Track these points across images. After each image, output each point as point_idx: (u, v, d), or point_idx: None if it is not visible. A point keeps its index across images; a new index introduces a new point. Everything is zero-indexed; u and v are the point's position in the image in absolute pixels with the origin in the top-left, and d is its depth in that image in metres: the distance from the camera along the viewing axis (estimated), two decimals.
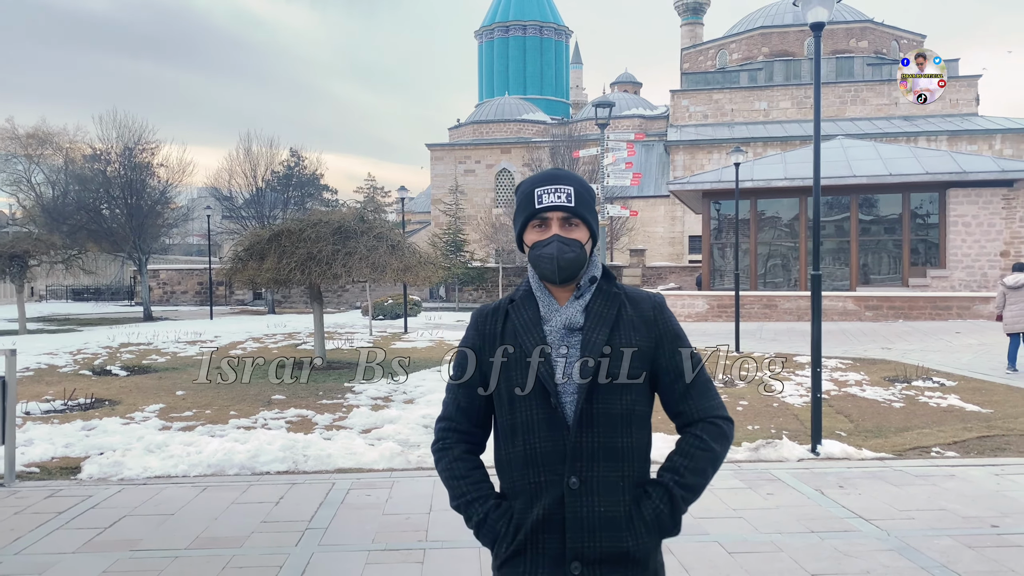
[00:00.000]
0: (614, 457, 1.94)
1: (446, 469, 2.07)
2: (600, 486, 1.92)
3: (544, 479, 1.93)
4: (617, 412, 1.95)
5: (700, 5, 68.78)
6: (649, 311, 2.05)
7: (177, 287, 45.51)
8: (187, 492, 6.39)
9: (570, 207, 1.99)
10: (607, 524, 1.91)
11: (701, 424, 2.02)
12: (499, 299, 2.13)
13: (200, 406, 10.47)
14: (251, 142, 40.29)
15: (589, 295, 2.03)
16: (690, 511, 5.91)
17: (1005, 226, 23.81)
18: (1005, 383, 11.52)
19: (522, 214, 2.04)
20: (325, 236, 13.51)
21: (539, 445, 1.94)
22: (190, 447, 7.67)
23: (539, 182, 2.02)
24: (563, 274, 1.98)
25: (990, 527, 5.31)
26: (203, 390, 11.83)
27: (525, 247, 2.06)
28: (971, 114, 45.46)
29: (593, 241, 2.06)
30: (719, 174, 26.41)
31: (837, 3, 7.96)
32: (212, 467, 7.09)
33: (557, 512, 1.91)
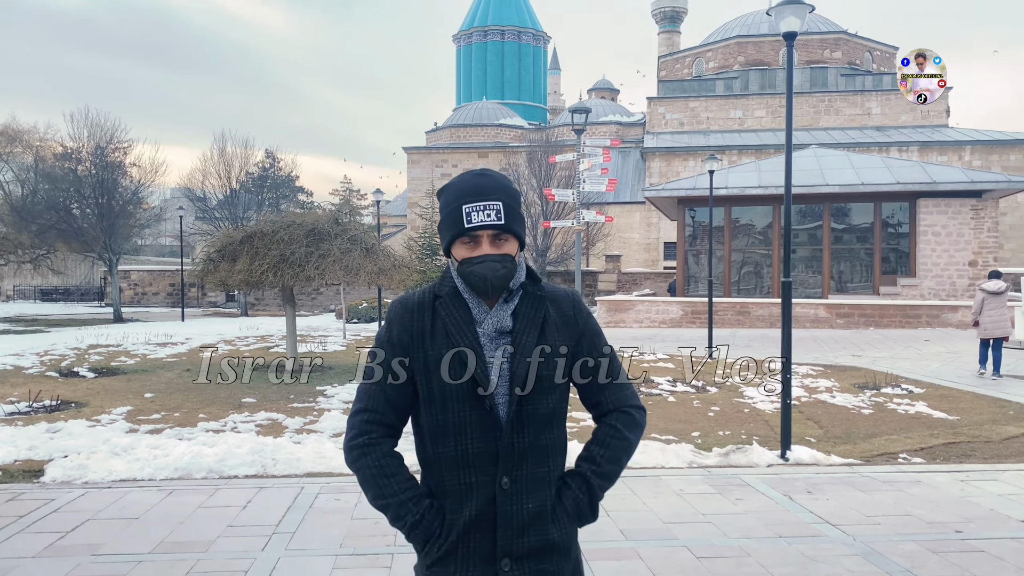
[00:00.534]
0: (541, 455, 2.00)
1: (374, 465, 1.99)
2: (529, 484, 1.97)
3: (476, 479, 1.95)
4: (544, 412, 2.01)
5: (677, 13, 69.33)
6: (569, 310, 2.10)
7: (148, 288, 44.97)
8: (153, 496, 6.30)
9: (501, 224, 1.98)
10: (535, 520, 1.97)
11: (616, 414, 2.10)
12: (420, 291, 2.08)
13: (169, 409, 10.34)
14: (226, 142, 39.97)
15: (517, 299, 2.05)
16: (660, 517, 5.92)
17: (973, 236, 24.20)
18: (972, 391, 11.70)
19: (450, 230, 2.01)
20: (299, 238, 13.41)
21: (472, 446, 1.95)
22: (157, 450, 7.56)
23: (467, 196, 1.99)
24: (495, 291, 1.99)
25: (954, 532, 5.38)
26: (172, 392, 11.68)
27: (453, 259, 2.04)
28: (941, 125, 46.18)
29: (521, 247, 2.07)
30: (694, 181, 26.61)
31: (810, 12, 8.02)
32: (179, 470, 6.99)
33: (488, 511, 1.94)
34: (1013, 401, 10.72)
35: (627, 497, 6.16)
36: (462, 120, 53.73)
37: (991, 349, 13.11)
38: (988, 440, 8.44)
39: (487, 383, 1.94)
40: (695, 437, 8.61)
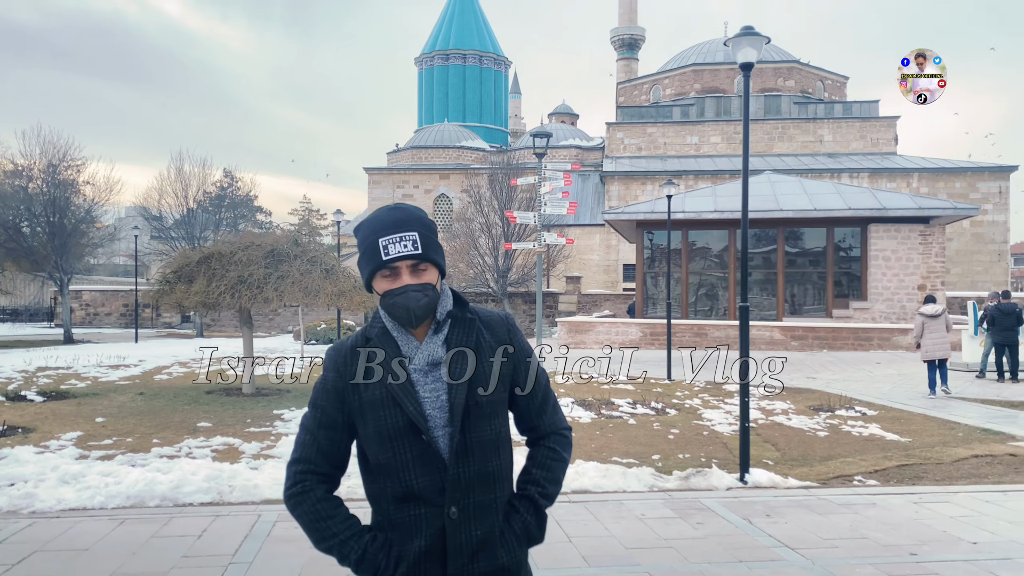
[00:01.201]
0: (487, 482, 2.03)
1: (311, 511, 2.03)
2: (477, 511, 2.00)
3: (424, 511, 1.98)
4: (488, 438, 2.04)
5: (635, 41, 70.52)
6: (504, 334, 2.13)
7: (101, 309, 43.96)
8: (104, 525, 6.13)
9: (418, 254, 2.00)
10: (484, 546, 2.00)
11: (553, 436, 2.17)
12: (352, 336, 2.11)
13: (121, 434, 10.08)
14: (183, 161, 39.43)
15: (447, 327, 2.07)
16: (622, 542, 5.94)
17: (922, 261, 24.85)
18: (922, 412, 11.96)
19: (368, 264, 2.03)
20: (257, 259, 13.25)
21: (416, 481, 1.98)
22: (109, 477, 7.36)
23: (382, 230, 2.00)
24: (419, 320, 2.01)
25: (909, 555, 5.48)
26: (125, 417, 11.40)
27: (375, 291, 2.06)
28: (890, 153, 47.48)
29: (441, 275, 2.09)
30: (652, 205, 26.94)
31: (767, 43, 8.23)
32: (132, 498, 6.82)
33: (438, 541, 1.97)
34: (962, 423, 10.99)
35: (589, 522, 6.17)
36: (424, 141, 53.79)
37: (938, 369, 13.65)
38: (939, 462, 8.63)
39: (424, 423, 1.97)
40: (655, 460, 8.66)
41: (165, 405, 12.59)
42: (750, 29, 8.05)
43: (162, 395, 13.75)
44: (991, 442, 9.69)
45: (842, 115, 48.39)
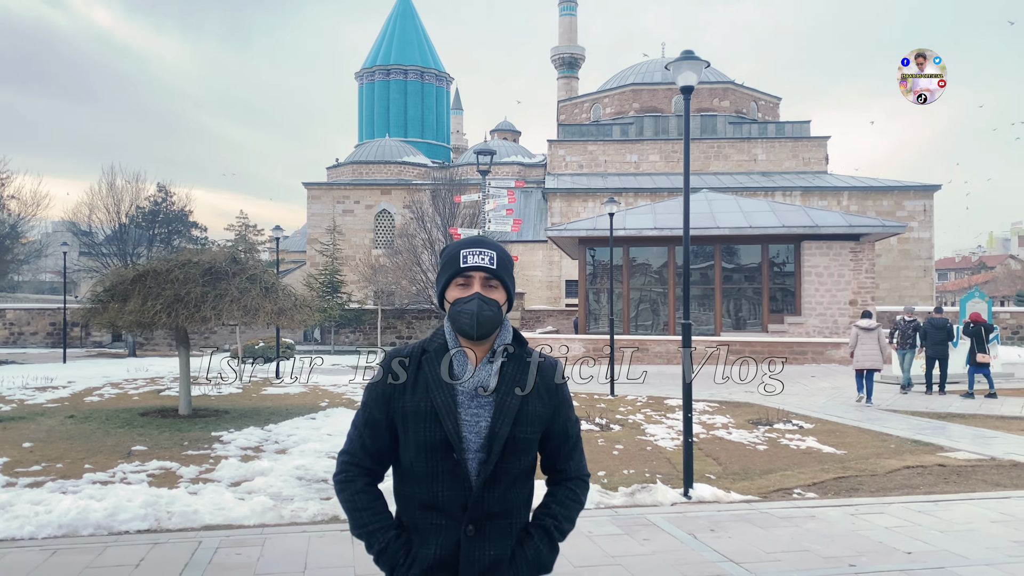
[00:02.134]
0: (507, 508, 2.16)
1: (349, 500, 2.20)
2: (492, 533, 2.13)
3: (443, 523, 2.12)
4: (516, 471, 2.17)
5: (576, 60, 71.47)
6: (551, 380, 2.27)
7: (26, 328, 42.27)
8: (34, 556, 5.88)
9: (492, 269, 2.17)
10: (495, 565, 2.13)
11: (576, 480, 2.32)
12: (413, 345, 2.26)
13: (51, 459, 9.70)
14: (115, 175, 38.08)
15: (501, 360, 2.19)
16: (570, 560, 5.95)
17: (853, 277, 25.67)
18: (856, 425, 12.32)
19: (447, 272, 2.20)
20: (194, 277, 12.93)
21: (441, 493, 2.12)
22: (38, 506, 7.06)
23: (465, 245, 2.20)
24: (481, 330, 2.13)
25: (848, 566, 5.62)
26: (54, 442, 10.97)
27: (446, 304, 2.20)
28: (821, 172, 49.04)
29: (509, 305, 2.24)
30: (594, 222, 27.26)
31: (706, 67, 8.45)
32: (64, 527, 6.55)
33: (452, 554, 2.10)
34: (893, 435, 11.36)
35: None
36: (365, 156, 53.41)
37: (865, 379, 14.84)
38: (874, 473, 8.90)
39: (458, 443, 2.10)
40: (601, 477, 8.71)
41: (97, 428, 12.16)
42: (690, 53, 8.26)
43: (93, 418, 13.28)
44: (922, 453, 10.03)
45: (775, 135, 49.83)
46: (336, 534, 6.37)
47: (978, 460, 9.59)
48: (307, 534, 6.40)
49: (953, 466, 9.26)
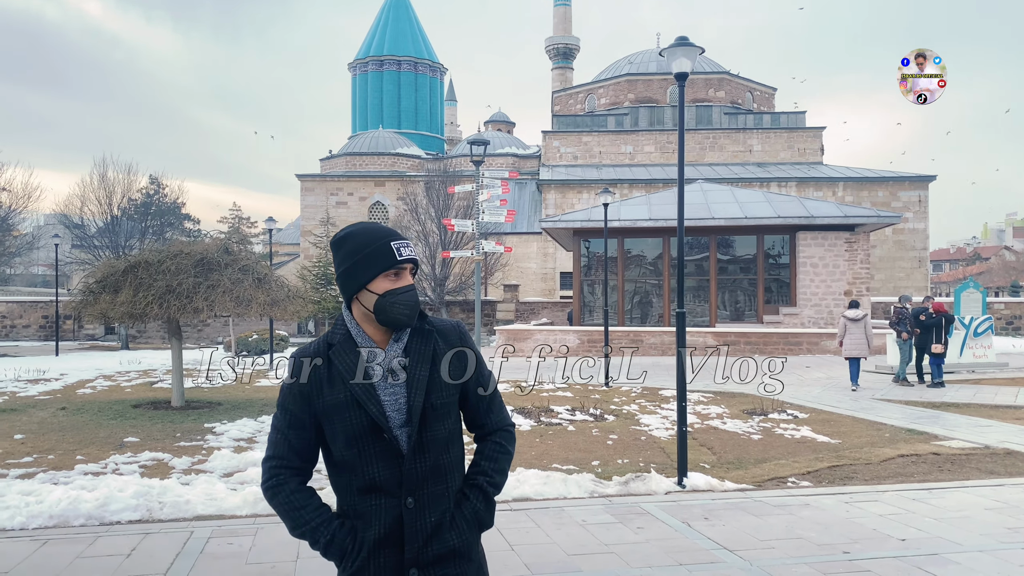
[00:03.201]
0: (440, 474, 2.24)
1: (285, 502, 2.23)
2: (431, 501, 2.21)
3: (384, 502, 2.18)
4: (442, 436, 2.25)
5: (570, 50, 71.27)
6: (456, 341, 2.34)
7: (18, 321, 42.12)
8: (24, 547, 5.84)
9: (416, 259, 2.30)
10: (437, 531, 2.21)
11: (499, 432, 2.39)
12: (315, 341, 2.32)
13: (42, 451, 9.65)
14: (107, 167, 37.82)
15: (406, 336, 2.27)
16: (564, 549, 5.93)
17: (848, 267, 25.69)
18: (851, 415, 12.33)
19: (377, 264, 2.22)
20: (186, 268, 12.86)
21: (378, 475, 2.18)
22: (29, 496, 7.02)
23: (390, 237, 2.26)
24: (414, 318, 2.24)
25: (842, 553, 5.61)
26: (46, 433, 10.92)
27: (367, 294, 2.23)
28: (817, 163, 49.04)
29: None
30: (589, 213, 27.21)
31: (700, 54, 8.38)
32: (55, 518, 6.51)
33: (396, 528, 2.18)
34: (888, 424, 11.37)
35: (531, 530, 6.15)
36: (358, 148, 53.22)
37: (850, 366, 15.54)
38: (868, 462, 8.89)
39: (386, 424, 2.16)
40: (595, 466, 8.70)
41: (89, 420, 12.11)
42: (684, 40, 8.19)
43: (86, 410, 13.22)
44: (916, 442, 10.04)
45: (771, 125, 49.78)
46: None
47: (972, 448, 9.60)
48: None
49: (947, 454, 9.26)
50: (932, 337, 15.68)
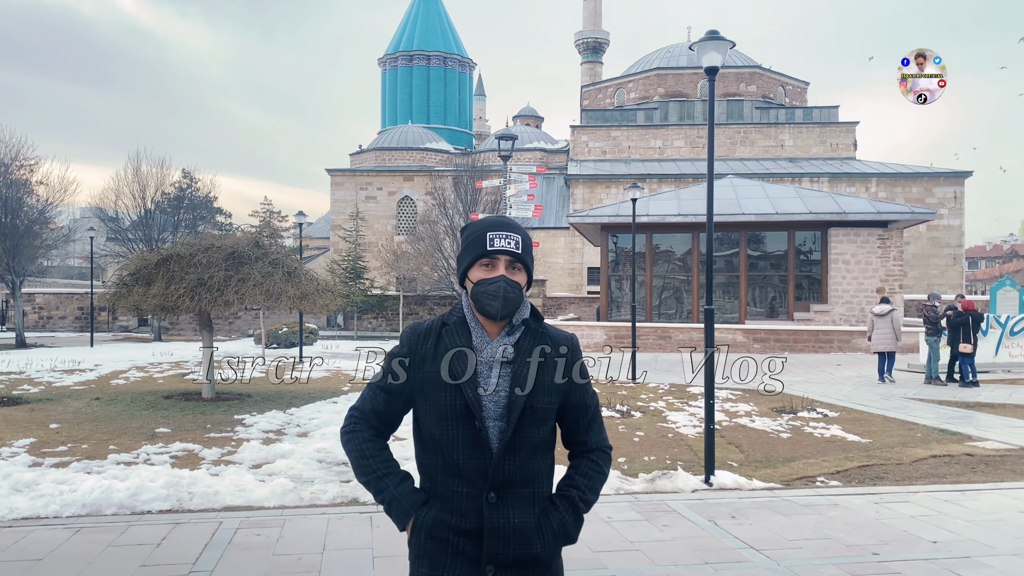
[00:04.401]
0: (528, 477, 2.21)
1: (357, 448, 2.26)
2: (514, 501, 2.18)
3: (465, 490, 2.16)
4: (535, 441, 2.22)
5: (600, 44, 70.90)
6: (566, 351, 2.31)
7: (55, 312, 42.94)
8: (59, 534, 5.95)
9: (517, 253, 2.24)
10: (519, 533, 2.17)
11: (597, 452, 2.36)
12: (432, 319, 2.32)
13: (76, 440, 9.83)
14: (140, 161, 38.29)
15: (519, 333, 2.26)
16: (589, 546, 5.92)
17: (880, 264, 25.32)
18: (882, 414, 12.15)
19: (472, 252, 2.25)
20: (217, 261, 13.02)
21: (462, 461, 2.16)
22: (63, 485, 7.16)
23: (491, 227, 2.25)
24: (504, 312, 2.20)
25: (871, 554, 5.53)
26: (80, 423, 11.12)
27: (468, 282, 2.25)
28: (849, 158, 48.35)
29: (528, 285, 2.31)
30: (617, 208, 27.08)
31: (731, 48, 8.29)
32: (87, 507, 6.63)
33: (475, 521, 2.15)
34: (920, 424, 11.19)
35: None
36: (387, 143, 53.45)
37: (885, 360, 16.10)
38: (899, 463, 8.76)
39: (479, 411, 2.15)
40: (621, 463, 8.66)
41: (122, 411, 12.31)
42: (715, 33, 8.10)
43: (119, 400, 13.44)
44: (949, 442, 9.87)
45: (802, 120, 49.16)
46: (355, 516, 6.39)
47: (1007, 450, 9.42)
48: (326, 516, 6.41)
49: (981, 455, 9.09)
50: (960, 336, 15.44)
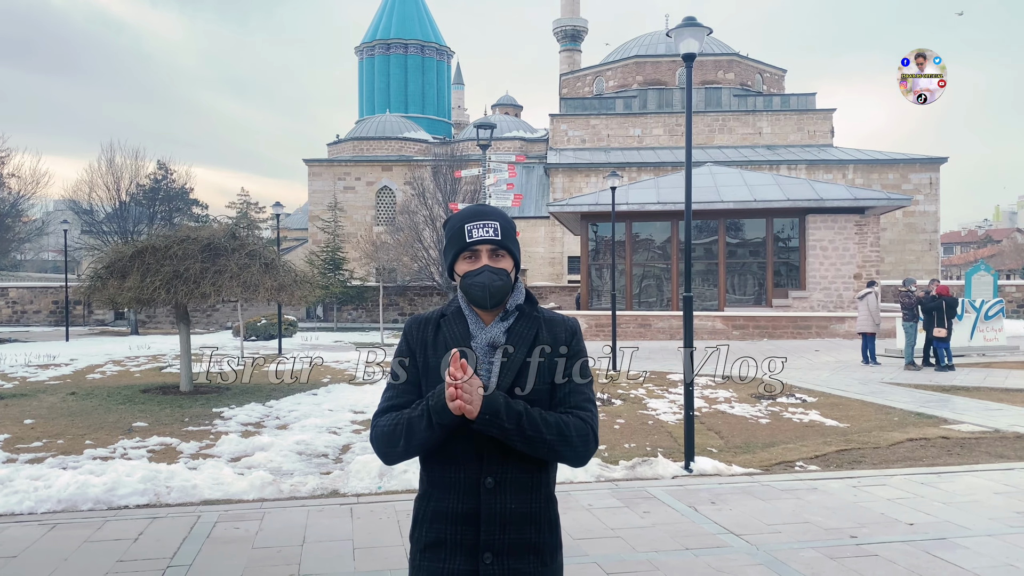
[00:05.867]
0: (525, 460, 2.17)
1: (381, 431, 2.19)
2: (512, 486, 2.16)
3: (462, 475, 2.16)
4: None
5: (578, 32, 70.79)
6: (562, 333, 2.29)
7: (29, 306, 42.37)
8: (33, 531, 5.87)
9: (497, 240, 2.23)
10: (518, 519, 2.16)
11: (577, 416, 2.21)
12: (432, 311, 2.36)
13: (51, 436, 9.70)
14: (114, 153, 37.79)
15: (513, 318, 2.27)
16: (570, 533, 5.91)
17: (858, 250, 25.52)
18: (859, 398, 12.27)
19: (453, 247, 2.26)
20: (193, 253, 12.87)
21: (458, 446, 2.16)
22: (38, 481, 7.06)
23: (468, 218, 2.25)
24: (493, 300, 2.21)
25: (850, 538, 5.59)
26: (55, 418, 10.98)
27: (456, 276, 2.28)
28: (827, 145, 48.66)
29: (516, 268, 2.30)
30: (596, 197, 27.09)
31: (708, 35, 8.29)
32: (63, 502, 6.55)
33: (473, 507, 2.14)
34: (897, 408, 11.31)
35: None
36: (365, 133, 53.11)
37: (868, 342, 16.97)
38: (876, 446, 8.85)
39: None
40: (602, 451, 8.68)
41: (98, 405, 12.17)
42: (692, 20, 8.10)
43: (95, 395, 13.29)
44: (925, 426, 9.99)
45: (780, 107, 49.38)
46: (335, 508, 6.36)
47: (982, 432, 9.54)
48: (306, 508, 6.38)
49: (956, 438, 9.21)
50: (935, 321, 15.66)
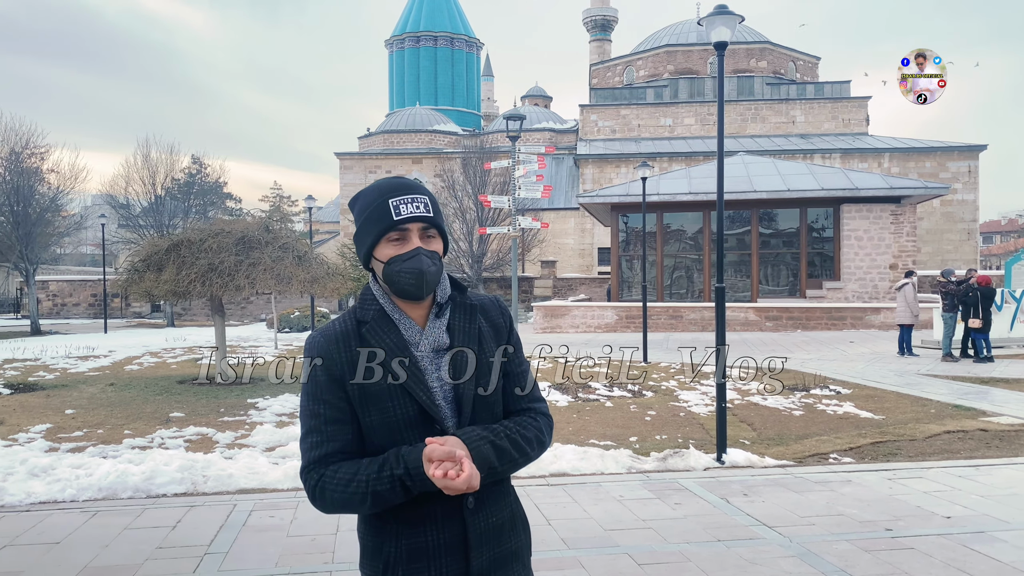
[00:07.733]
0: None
1: (336, 488, 1.79)
2: (489, 497, 1.90)
3: (438, 506, 1.84)
4: (491, 423, 1.92)
5: (608, 22, 70.29)
6: (498, 318, 2.02)
7: (69, 299, 43.27)
8: (75, 518, 6.01)
9: (429, 217, 1.90)
10: (501, 530, 1.92)
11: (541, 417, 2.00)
12: (339, 319, 1.94)
13: (91, 425, 9.92)
14: (150, 148, 38.48)
15: (448, 313, 1.95)
16: (600, 524, 5.90)
17: (893, 240, 25.12)
18: (895, 390, 12.10)
19: (376, 226, 1.88)
20: (227, 246, 13.05)
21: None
22: (79, 470, 7.23)
23: (391, 191, 1.90)
24: (428, 288, 1.87)
25: (884, 530, 5.52)
26: (95, 408, 11.22)
27: (376, 263, 1.90)
28: (862, 133, 47.89)
29: (445, 251, 1.98)
30: (627, 188, 26.95)
31: (740, 22, 8.19)
32: (103, 490, 6.69)
33: (459, 533, 1.86)
34: (934, 400, 11.13)
35: (568, 505, 6.16)
36: (395, 126, 53.34)
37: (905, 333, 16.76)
38: (912, 439, 8.72)
39: (438, 413, 1.85)
40: (633, 442, 8.67)
41: (136, 396, 12.41)
42: (724, 8, 8.01)
43: (133, 386, 13.55)
44: (963, 418, 9.82)
45: (814, 96, 48.67)
46: None
47: (1022, 425, 9.36)
48: None
49: (995, 431, 9.05)
50: (971, 312, 15.38)
